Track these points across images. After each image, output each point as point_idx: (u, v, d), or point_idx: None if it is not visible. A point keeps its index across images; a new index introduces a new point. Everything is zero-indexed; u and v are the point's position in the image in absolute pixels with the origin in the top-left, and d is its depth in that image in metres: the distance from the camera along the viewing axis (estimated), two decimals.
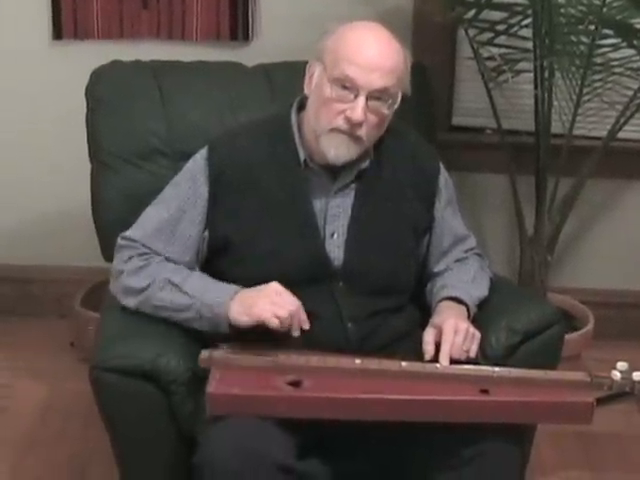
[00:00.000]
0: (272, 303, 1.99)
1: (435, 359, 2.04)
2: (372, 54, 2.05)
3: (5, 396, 3.03)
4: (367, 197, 2.17)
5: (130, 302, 2.14)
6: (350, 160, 2.12)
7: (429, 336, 2.08)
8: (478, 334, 2.11)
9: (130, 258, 2.15)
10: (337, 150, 2.09)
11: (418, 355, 2.09)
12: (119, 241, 2.19)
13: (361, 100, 2.04)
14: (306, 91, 2.15)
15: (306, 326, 2.02)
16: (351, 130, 2.06)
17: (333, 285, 2.12)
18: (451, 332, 2.05)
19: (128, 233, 2.18)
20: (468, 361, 2.05)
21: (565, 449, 2.85)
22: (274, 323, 1.97)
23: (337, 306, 2.11)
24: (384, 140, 2.18)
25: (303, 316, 2.02)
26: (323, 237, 2.14)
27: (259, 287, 2.03)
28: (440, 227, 2.29)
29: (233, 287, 2.07)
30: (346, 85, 2.04)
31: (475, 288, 2.26)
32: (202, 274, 2.15)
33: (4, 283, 3.45)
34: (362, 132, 2.07)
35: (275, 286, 2.03)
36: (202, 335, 2.09)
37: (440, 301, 2.21)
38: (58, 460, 2.73)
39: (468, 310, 2.19)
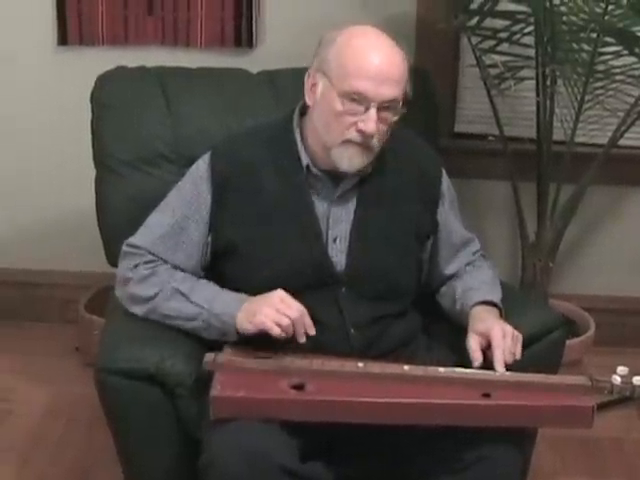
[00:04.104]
0: (276, 311, 1.99)
1: (483, 366, 2.04)
2: (380, 66, 2.04)
3: (10, 400, 3.03)
4: (369, 202, 2.18)
5: (137, 310, 2.15)
6: (363, 168, 2.13)
7: (475, 344, 2.07)
8: (520, 335, 2.10)
9: (136, 266, 2.15)
10: (351, 161, 2.10)
11: (421, 360, 2.10)
12: (124, 248, 2.19)
13: (373, 112, 2.04)
14: (308, 102, 2.14)
15: (312, 332, 2.02)
16: (364, 141, 2.07)
17: (336, 291, 2.13)
18: (501, 337, 2.05)
19: (133, 240, 2.19)
20: (515, 363, 2.05)
21: (566, 454, 2.85)
22: (276, 331, 1.98)
23: (340, 312, 2.12)
24: (387, 145, 2.17)
25: (308, 322, 2.02)
26: (326, 242, 2.14)
27: (265, 295, 2.04)
28: (446, 230, 2.30)
29: (241, 296, 2.08)
30: (356, 98, 2.04)
31: (497, 290, 2.26)
32: (209, 282, 2.16)
33: (9, 287, 3.45)
34: (374, 142, 2.08)
35: (280, 293, 2.03)
36: (207, 339, 2.10)
37: (473, 306, 2.18)
38: (62, 464, 2.74)
39: (500, 312, 2.20)
